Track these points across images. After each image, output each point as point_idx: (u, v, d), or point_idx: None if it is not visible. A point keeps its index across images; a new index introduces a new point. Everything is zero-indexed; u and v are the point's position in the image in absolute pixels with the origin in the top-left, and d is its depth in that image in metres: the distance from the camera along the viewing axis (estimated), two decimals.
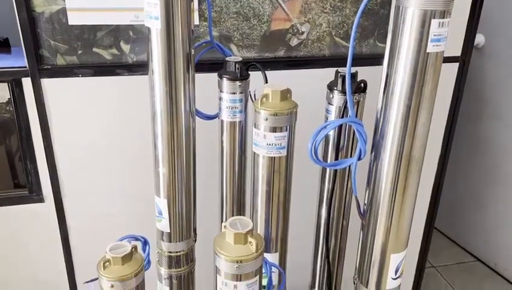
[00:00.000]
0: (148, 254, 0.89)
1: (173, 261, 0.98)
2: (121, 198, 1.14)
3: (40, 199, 1.06)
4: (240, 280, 0.67)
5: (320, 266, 0.96)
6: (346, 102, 0.76)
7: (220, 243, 0.68)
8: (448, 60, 1.22)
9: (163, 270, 1.00)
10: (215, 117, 0.98)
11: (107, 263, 0.77)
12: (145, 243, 0.91)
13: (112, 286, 0.77)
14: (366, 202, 0.79)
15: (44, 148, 1.03)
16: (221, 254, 0.66)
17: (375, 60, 0.89)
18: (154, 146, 0.88)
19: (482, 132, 2.19)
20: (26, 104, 1.00)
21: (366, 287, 0.82)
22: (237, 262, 0.66)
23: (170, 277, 1.00)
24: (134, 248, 0.81)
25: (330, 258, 0.93)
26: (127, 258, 0.78)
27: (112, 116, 1.07)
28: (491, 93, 2.12)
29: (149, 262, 0.90)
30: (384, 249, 0.77)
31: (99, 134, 1.08)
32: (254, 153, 0.81)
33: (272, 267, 0.86)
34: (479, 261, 2.29)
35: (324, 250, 0.93)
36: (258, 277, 0.69)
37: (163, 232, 0.95)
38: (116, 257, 0.77)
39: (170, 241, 0.96)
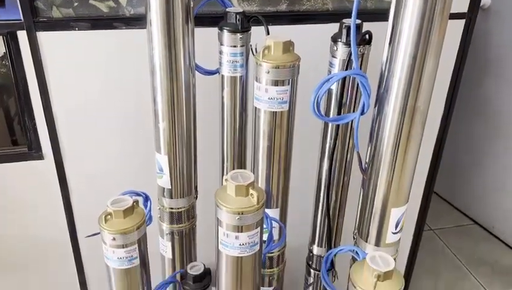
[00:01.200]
0: (150, 210, 0.90)
1: (174, 218, 0.99)
2: (122, 155, 1.14)
3: (40, 156, 1.06)
4: (241, 231, 0.68)
5: (321, 221, 0.96)
6: (351, 54, 0.74)
7: (221, 195, 0.68)
8: (455, 16, 1.19)
9: (165, 226, 1.00)
10: (216, 72, 0.96)
11: (109, 217, 0.77)
12: (147, 199, 0.91)
13: (114, 239, 0.77)
14: (367, 157, 0.78)
15: (42, 104, 1.02)
16: (223, 205, 0.66)
17: (379, 15, 0.86)
18: (153, 101, 0.87)
19: (484, 94, 2.17)
20: (22, 58, 0.98)
21: (366, 241, 0.83)
22: (238, 214, 0.66)
23: (172, 233, 1.01)
24: (136, 202, 0.81)
25: (330, 214, 0.93)
26: (129, 211, 0.78)
27: (109, 70, 1.04)
28: (494, 54, 2.09)
29: (151, 218, 0.90)
30: (385, 203, 0.77)
31: (97, 90, 1.06)
32: (255, 108, 0.80)
33: (273, 222, 0.86)
34: (477, 225, 2.32)
35: (325, 206, 0.93)
36: (259, 229, 0.70)
37: (164, 188, 0.96)
38: (118, 210, 0.77)
39: (171, 198, 0.96)
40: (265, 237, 0.87)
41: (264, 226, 0.82)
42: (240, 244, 0.69)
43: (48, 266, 1.23)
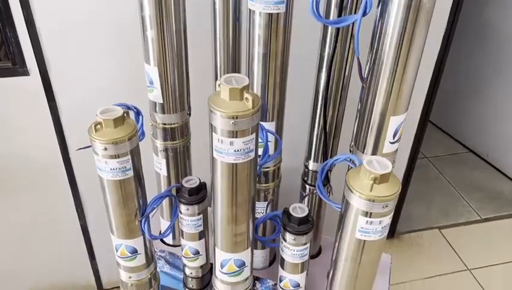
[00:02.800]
0: (142, 125, 0.87)
1: (168, 134, 0.97)
2: (111, 71, 1.09)
3: (25, 72, 1.01)
4: (236, 137, 0.65)
5: (317, 135, 0.94)
6: None
7: (215, 100, 0.65)
8: None
9: (159, 143, 0.99)
10: None
11: (99, 126, 0.75)
12: (138, 113, 0.88)
13: (105, 149, 0.75)
14: (368, 64, 0.75)
15: (24, 17, 0.96)
16: (217, 110, 0.64)
17: None
18: (140, 7, 0.81)
19: (487, 19, 2.09)
20: None
21: (363, 152, 0.82)
22: (233, 118, 0.63)
23: (166, 150, 0.99)
24: (126, 113, 0.79)
25: (327, 127, 0.91)
26: (119, 121, 0.75)
27: None
28: None
29: (143, 133, 0.88)
30: (384, 111, 0.75)
31: (83, 1, 1.00)
32: (250, 10, 0.75)
33: (268, 135, 0.84)
34: (472, 152, 2.34)
35: (321, 119, 0.91)
36: (254, 135, 0.67)
37: (156, 103, 0.93)
38: (108, 119, 0.74)
39: (164, 113, 0.93)
40: (260, 151, 0.86)
41: (260, 140, 0.80)
42: (235, 151, 0.67)
43: (40, 187, 1.23)
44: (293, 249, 0.84)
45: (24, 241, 1.34)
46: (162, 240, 1.18)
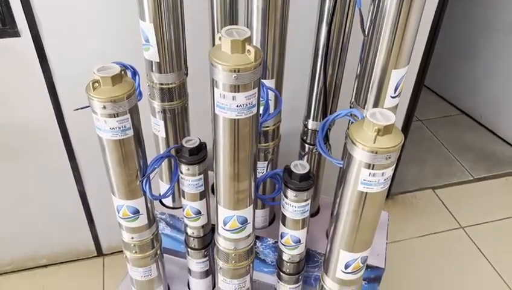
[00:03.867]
0: (139, 85, 0.86)
1: (165, 94, 0.95)
2: (104, 30, 1.06)
3: (16, 33, 0.98)
4: (238, 92, 0.65)
5: (317, 93, 0.94)
6: None
7: (216, 54, 0.64)
8: None
9: (156, 104, 0.97)
10: None
11: (96, 84, 0.73)
12: (135, 73, 0.86)
13: (104, 108, 0.74)
14: (370, 16, 0.73)
15: None
16: (218, 63, 0.62)
17: None
18: None
19: None
20: None
21: (364, 108, 0.81)
22: (235, 72, 0.62)
23: (164, 111, 0.98)
24: (124, 71, 0.77)
25: (327, 85, 0.90)
26: (117, 78, 0.74)
27: None
28: None
29: (140, 93, 0.86)
30: (386, 64, 0.75)
31: None
32: None
33: (268, 92, 0.83)
34: (465, 114, 2.36)
35: (321, 76, 0.90)
36: (256, 90, 0.67)
37: (152, 62, 0.91)
38: (106, 76, 0.72)
39: (160, 72, 0.92)
40: (261, 109, 0.85)
41: (261, 99, 0.79)
42: (237, 106, 0.66)
43: (36, 152, 1.22)
44: (294, 205, 0.85)
45: (23, 207, 1.34)
46: (162, 203, 1.18)
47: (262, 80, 0.83)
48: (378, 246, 1.07)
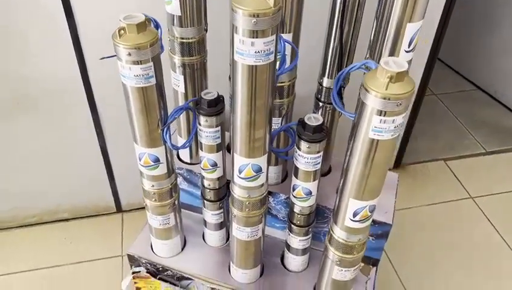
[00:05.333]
0: (161, 37, 0.89)
1: (185, 49, 0.99)
2: None
3: None
4: (257, 37, 0.68)
5: (332, 52, 0.96)
6: None
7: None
8: None
9: (177, 59, 1.01)
10: None
11: (122, 31, 0.77)
12: (157, 25, 0.89)
13: (129, 54, 0.78)
14: None
15: None
16: (238, 8, 0.65)
17: None
18: None
19: None
20: None
21: (378, 62, 0.84)
22: (254, 16, 0.65)
23: (183, 66, 1.02)
24: (148, 20, 0.81)
25: (343, 41, 0.92)
26: (142, 27, 0.77)
27: None
28: None
29: (162, 47, 0.90)
30: (401, 18, 0.77)
31: None
32: None
33: (286, 45, 0.86)
34: (479, 89, 2.35)
35: (338, 32, 0.92)
36: (274, 36, 0.70)
37: (174, 16, 0.94)
38: (131, 24, 0.76)
39: (181, 26, 0.95)
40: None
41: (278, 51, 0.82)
42: (256, 52, 0.69)
43: (61, 107, 1.27)
44: (307, 157, 0.89)
45: (46, 162, 1.40)
46: (179, 158, 1.23)
47: (280, 34, 0.86)
48: (387, 203, 1.10)
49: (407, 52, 0.81)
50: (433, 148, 1.94)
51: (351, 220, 0.86)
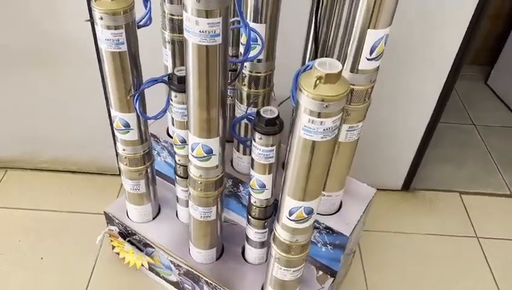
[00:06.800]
0: (150, 10, 0.93)
1: (175, 26, 1.02)
2: None
3: None
4: (201, 16, 0.69)
5: (310, 51, 0.95)
6: None
7: None
8: None
9: (167, 34, 1.05)
10: None
11: None
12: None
13: (101, 18, 0.83)
14: None
15: None
16: None
17: None
18: None
19: None
20: None
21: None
22: None
23: (172, 42, 1.06)
24: None
25: (318, 43, 0.91)
26: None
27: None
28: None
29: (150, 19, 0.94)
30: (365, 23, 0.75)
31: None
32: None
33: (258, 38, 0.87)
34: None
35: (312, 31, 0.91)
36: (221, 19, 0.71)
37: None
38: None
39: (171, 3, 0.98)
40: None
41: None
42: (200, 31, 0.71)
43: (74, 65, 1.35)
44: (259, 148, 0.89)
45: (59, 113, 1.50)
46: (168, 134, 1.28)
47: (252, 23, 0.87)
48: (351, 216, 1.08)
49: (368, 60, 0.78)
50: (451, 178, 1.83)
51: (287, 218, 0.85)
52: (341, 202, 1.11)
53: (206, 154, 0.90)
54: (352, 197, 1.13)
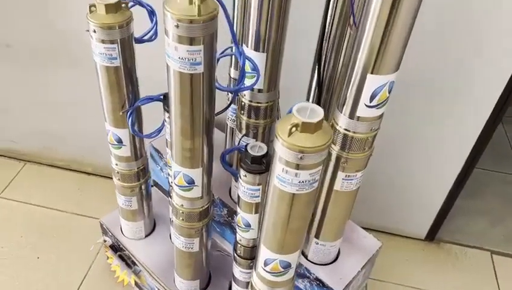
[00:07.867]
0: (156, 24, 0.89)
1: None
2: None
3: None
4: (181, 43, 0.64)
5: (314, 90, 0.87)
6: None
7: (170, 1, 0.63)
8: None
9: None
10: None
11: (93, 8, 0.79)
12: (152, 12, 0.89)
13: (95, 31, 0.79)
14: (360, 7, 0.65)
15: None
16: (167, 10, 0.62)
17: None
18: None
19: None
20: None
21: (341, 112, 0.73)
22: (178, 21, 0.61)
23: None
24: (125, 4, 0.81)
25: (322, 79, 0.83)
26: (111, 8, 0.78)
27: None
28: None
29: (156, 33, 0.90)
30: (366, 67, 0.66)
31: None
32: None
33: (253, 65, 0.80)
34: None
35: (316, 66, 0.83)
36: (202, 47, 0.65)
37: None
38: (101, 3, 0.77)
39: None
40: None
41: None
42: (179, 58, 0.65)
43: (83, 63, 1.34)
44: (244, 186, 0.82)
45: (78, 113, 1.51)
46: None
47: (251, 50, 0.80)
48: (347, 269, 0.97)
49: (368, 106, 0.69)
50: (484, 235, 1.65)
51: (263, 268, 0.77)
52: (339, 251, 1.01)
53: (187, 184, 0.84)
54: (353, 247, 1.03)
